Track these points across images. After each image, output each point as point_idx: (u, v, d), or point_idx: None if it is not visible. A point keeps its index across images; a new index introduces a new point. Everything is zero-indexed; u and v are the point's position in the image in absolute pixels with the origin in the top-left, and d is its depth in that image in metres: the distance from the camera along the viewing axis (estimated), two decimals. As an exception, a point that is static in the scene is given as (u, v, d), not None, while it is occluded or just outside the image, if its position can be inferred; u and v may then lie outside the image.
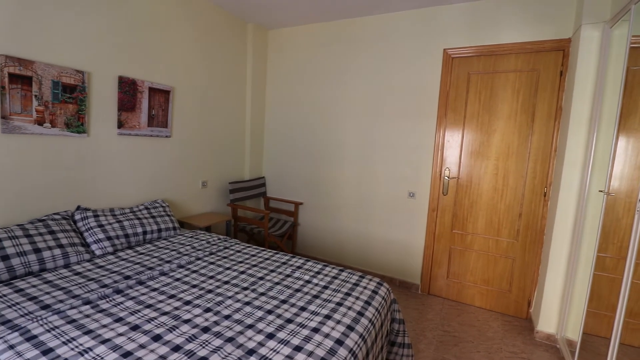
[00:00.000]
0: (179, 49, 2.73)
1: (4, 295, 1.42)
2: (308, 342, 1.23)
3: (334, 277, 1.83)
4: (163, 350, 1.14)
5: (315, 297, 1.60)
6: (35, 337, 1.16)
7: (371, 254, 3.15)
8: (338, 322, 1.38)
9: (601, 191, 1.89)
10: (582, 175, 2.09)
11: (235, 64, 3.31)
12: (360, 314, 1.47)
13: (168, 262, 1.89)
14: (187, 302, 1.47)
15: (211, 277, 1.74)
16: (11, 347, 1.11)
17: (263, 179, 3.71)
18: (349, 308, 1.51)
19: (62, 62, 2.00)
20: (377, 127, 3.02)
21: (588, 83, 2.06)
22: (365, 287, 1.73)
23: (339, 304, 1.53)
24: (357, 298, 1.61)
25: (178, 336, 1.22)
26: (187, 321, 1.32)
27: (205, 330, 1.27)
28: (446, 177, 2.75)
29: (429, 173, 2.81)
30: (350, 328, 1.35)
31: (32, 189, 1.92)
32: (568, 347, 2.13)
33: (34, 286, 1.51)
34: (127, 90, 2.37)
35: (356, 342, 1.29)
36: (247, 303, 1.50)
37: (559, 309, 2.25)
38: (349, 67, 3.12)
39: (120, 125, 2.35)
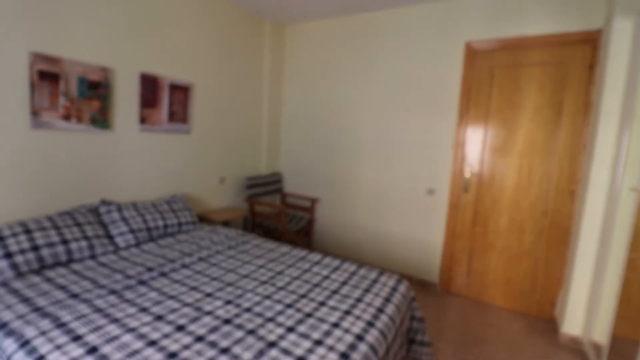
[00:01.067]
0: (198, 46, 2.76)
1: (35, 284, 1.47)
2: (328, 337, 1.23)
3: (353, 273, 1.82)
4: (187, 340, 1.15)
5: (334, 292, 1.59)
6: (65, 324, 1.20)
7: (388, 251, 3.12)
8: (358, 317, 1.37)
9: (633, 189, 1.81)
10: (613, 173, 2.00)
11: (252, 60, 3.33)
12: (380, 310, 1.46)
13: (189, 255, 1.92)
14: (209, 294, 1.49)
15: (231, 271, 1.76)
16: (43, 333, 1.15)
17: (280, 174, 3.73)
18: (369, 304, 1.49)
19: (88, 60, 2.05)
20: (395, 122, 2.98)
21: (620, 76, 1.96)
22: (384, 284, 1.71)
23: (358, 300, 1.52)
24: (377, 294, 1.59)
25: (201, 327, 1.23)
26: (209, 313, 1.34)
27: (227, 322, 1.28)
28: (467, 174, 2.68)
29: (449, 170, 2.75)
30: (370, 324, 1.34)
31: (60, 182, 1.99)
32: (594, 350, 2.05)
33: (62, 276, 1.56)
34: (149, 86, 2.42)
35: (376, 338, 1.27)
36: (267, 297, 1.50)
37: (586, 310, 2.17)
38: (367, 62, 3.08)
39: (142, 121, 2.40)
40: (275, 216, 3.19)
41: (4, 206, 1.76)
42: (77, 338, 1.13)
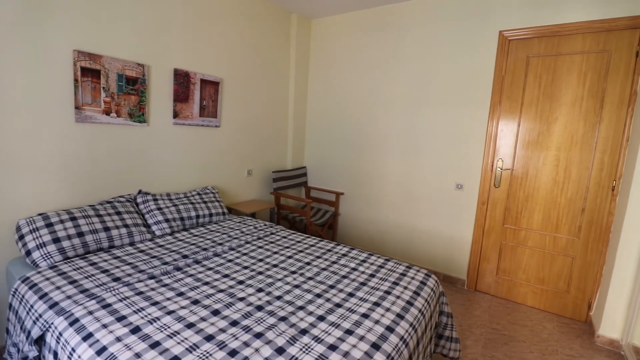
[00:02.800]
0: (228, 42, 2.81)
1: (81, 267, 1.58)
2: (359, 327, 1.24)
3: (380, 267, 1.81)
4: (222, 324, 1.20)
5: (362, 284, 1.60)
6: (109, 305, 1.28)
7: (414, 247, 3.09)
8: (387, 309, 1.38)
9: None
10: (661, 167, 1.88)
11: (279, 56, 3.36)
12: (410, 303, 1.45)
13: (220, 244, 1.99)
14: (241, 282, 1.53)
15: (260, 260, 1.80)
16: (90, 312, 1.23)
17: (304, 168, 3.76)
18: (398, 297, 1.49)
19: (125, 56, 2.14)
20: (423, 116, 2.92)
21: (672, 63, 1.83)
22: (413, 278, 1.70)
23: (387, 293, 1.52)
24: (406, 288, 1.58)
25: (235, 312, 1.28)
26: (241, 299, 1.38)
27: (259, 308, 1.32)
28: (499, 169, 2.60)
29: (479, 164, 2.67)
30: (400, 316, 1.34)
31: (101, 174, 2.10)
32: (635, 354, 1.95)
33: (105, 260, 1.66)
34: (182, 82, 2.50)
35: (407, 331, 1.27)
36: (297, 286, 1.53)
37: (626, 313, 2.06)
38: (394, 54, 3.04)
39: (175, 115, 2.49)
40: (301, 209, 3.23)
41: (52, 195, 1.89)
42: (121, 318, 1.20)
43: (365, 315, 1.32)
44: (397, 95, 3.05)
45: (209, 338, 1.12)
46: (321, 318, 1.28)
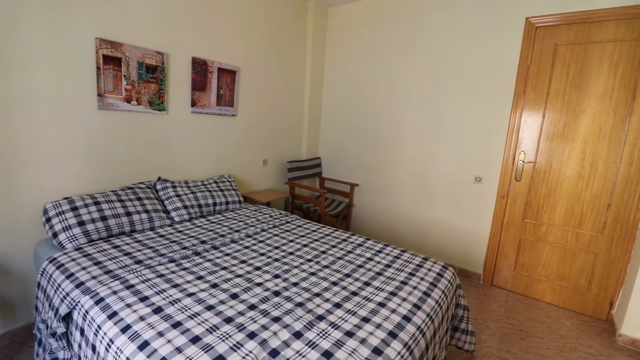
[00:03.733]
0: (244, 30, 2.80)
1: (105, 250, 1.63)
2: (375, 315, 1.24)
3: (396, 257, 1.80)
4: (241, 307, 1.22)
5: (378, 274, 1.59)
6: (132, 286, 1.32)
7: (429, 239, 3.06)
8: (404, 299, 1.37)
9: None
10: (697, 162, 1.78)
11: (295, 44, 3.33)
12: (427, 294, 1.44)
13: (237, 231, 2.02)
14: (257, 268, 1.55)
15: (276, 248, 1.82)
16: (114, 292, 1.27)
17: (319, 159, 3.75)
18: (414, 288, 1.48)
19: (145, 44, 2.17)
20: (442, 106, 2.85)
21: None
22: (429, 269, 1.68)
23: (403, 283, 1.51)
24: (422, 279, 1.57)
25: (252, 296, 1.30)
26: (259, 284, 1.40)
27: (276, 294, 1.34)
28: (520, 162, 2.52)
29: (500, 157, 2.60)
30: (416, 306, 1.33)
31: (122, 160, 2.15)
32: (660, 355, 1.89)
33: (127, 244, 1.71)
34: (199, 70, 2.51)
35: (424, 321, 1.26)
36: (312, 274, 1.54)
37: (652, 313, 1.99)
38: (413, 43, 2.96)
39: (193, 104, 2.51)
40: (315, 199, 3.23)
41: (76, 180, 1.95)
42: (144, 299, 1.24)
43: (382, 304, 1.32)
44: (415, 85, 2.99)
45: (228, 320, 1.14)
46: (337, 305, 1.29)
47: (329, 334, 1.11)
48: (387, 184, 3.28)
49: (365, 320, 1.20)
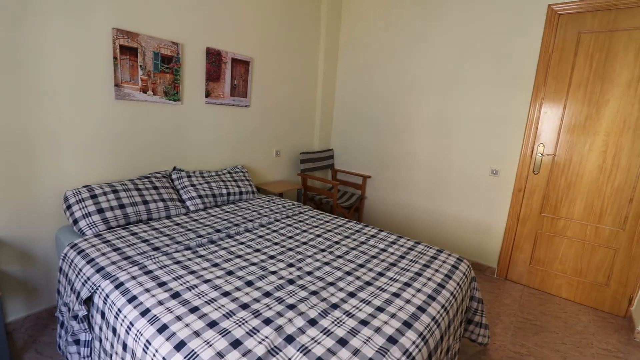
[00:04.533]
0: (258, 20, 2.79)
1: (123, 236, 1.66)
2: (389, 305, 1.24)
3: (410, 249, 1.79)
4: (256, 294, 1.24)
5: (392, 265, 1.59)
6: (151, 271, 1.35)
7: (442, 232, 3.03)
8: (418, 290, 1.37)
9: None
10: None
11: (308, 34, 3.30)
12: (441, 285, 1.43)
13: (250, 220, 2.04)
14: (272, 257, 1.57)
15: (290, 237, 1.83)
16: (133, 277, 1.30)
17: (331, 150, 3.74)
18: (429, 279, 1.47)
19: (161, 35, 2.18)
20: (458, 97, 2.79)
21: None
22: (444, 261, 1.67)
23: (418, 274, 1.51)
24: (437, 270, 1.56)
25: (267, 284, 1.32)
26: (273, 272, 1.41)
27: (291, 282, 1.35)
28: (539, 154, 2.46)
29: (517, 149, 2.54)
30: (431, 297, 1.33)
31: (138, 150, 2.18)
32: (682, 354, 1.84)
33: (144, 231, 1.75)
34: (214, 60, 2.52)
35: (438, 312, 1.26)
36: (326, 263, 1.55)
37: (674, 310, 1.93)
38: (429, 31, 2.90)
39: (207, 94, 2.52)
40: (327, 191, 3.23)
41: (94, 169, 1.99)
42: (162, 284, 1.27)
43: (396, 295, 1.31)
44: (431, 75, 2.93)
45: (244, 306, 1.16)
46: (352, 294, 1.29)
47: (344, 322, 1.12)
48: (400, 176, 3.25)
49: (380, 309, 1.20)
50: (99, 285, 1.30)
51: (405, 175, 3.22)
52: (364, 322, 1.12)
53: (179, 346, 0.96)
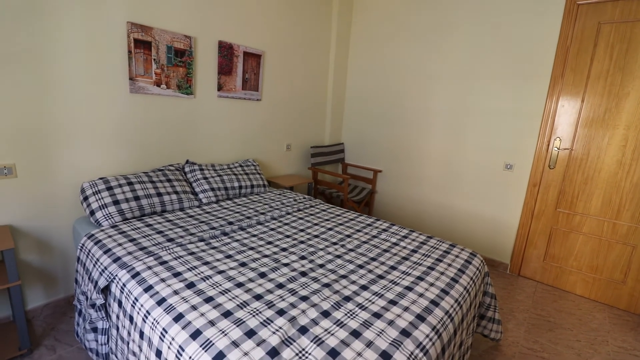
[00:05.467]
0: (269, 13, 2.78)
1: (138, 228, 1.69)
2: (402, 298, 1.24)
3: (422, 243, 1.78)
4: (269, 285, 1.25)
5: (404, 259, 1.58)
6: (166, 262, 1.37)
7: (454, 228, 3.00)
8: (431, 284, 1.36)
9: None
10: None
11: (320, 28, 3.27)
12: (454, 280, 1.42)
13: (262, 213, 2.05)
14: (284, 249, 1.58)
15: (302, 230, 1.84)
16: (149, 267, 1.33)
17: (342, 144, 3.72)
18: (442, 273, 1.46)
19: (174, 28, 2.19)
20: (472, 90, 2.74)
21: None
22: (457, 256, 1.65)
23: (430, 268, 1.50)
24: (450, 265, 1.55)
25: (280, 276, 1.32)
26: (286, 264, 1.42)
27: (303, 274, 1.36)
28: (555, 149, 2.41)
29: (533, 143, 2.49)
30: (444, 292, 1.32)
31: (152, 143, 2.21)
32: (702, 353, 1.79)
33: (159, 223, 1.77)
34: (225, 54, 2.52)
35: (452, 306, 1.25)
36: (338, 256, 1.55)
37: (695, 309, 1.88)
38: (442, 22, 2.84)
39: (219, 88, 2.53)
40: (338, 185, 3.23)
41: (109, 161, 2.02)
42: (177, 274, 1.29)
43: (409, 288, 1.31)
44: (444, 68, 2.88)
45: (258, 297, 1.17)
46: (364, 287, 1.29)
47: (357, 314, 1.12)
48: (412, 170, 3.22)
49: (393, 302, 1.20)
50: (116, 275, 1.33)
51: (416, 170, 3.19)
52: (377, 315, 1.12)
53: (195, 335, 0.98)
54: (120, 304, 1.27)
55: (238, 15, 2.55)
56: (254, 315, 1.07)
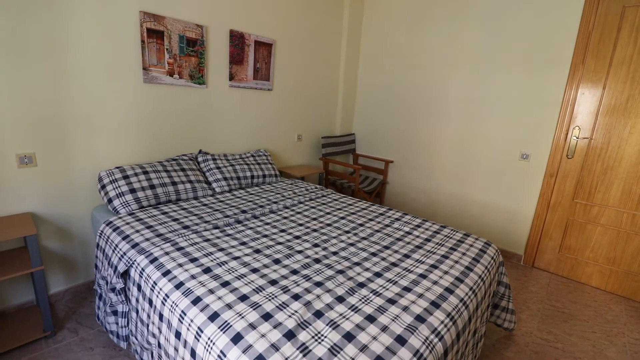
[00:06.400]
0: (280, 1, 2.75)
1: (154, 215, 1.73)
2: (416, 286, 1.24)
3: (436, 232, 1.77)
4: (284, 271, 1.26)
5: (418, 247, 1.58)
6: (182, 248, 1.40)
7: (467, 218, 2.97)
8: (445, 272, 1.35)
9: None
10: None
11: (332, 15, 3.23)
12: (469, 268, 1.41)
13: (275, 202, 2.06)
14: (297, 237, 1.59)
15: (314, 219, 1.84)
16: (167, 253, 1.36)
17: (353, 135, 3.70)
18: (456, 262, 1.45)
19: (186, 17, 2.19)
20: (488, 78, 2.68)
21: None
22: (471, 245, 1.64)
23: (444, 257, 1.49)
24: (464, 254, 1.54)
25: (294, 262, 1.34)
26: (299, 252, 1.43)
27: (317, 261, 1.37)
28: (574, 138, 2.34)
29: (551, 132, 2.43)
30: (459, 280, 1.31)
31: (166, 133, 2.23)
32: None
33: (174, 211, 1.80)
34: (237, 43, 2.52)
35: (467, 294, 1.24)
36: (351, 244, 1.55)
37: None
38: (457, 9, 2.77)
39: (231, 77, 2.53)
40: (349, 175, 3.22)
41: (125, 151, 2.06)
42: (193, 260, 1.31)
43: (423, 276, 1.31)
44: (459, 56, 2.82)
45: (273, 282, 1.18)
46: (378, 274, 1.30)
47: (371, 300, 1.12)
48: (425, 160, 3.19)
49: (407, 289, 1.20)
50: (135, 260, 1.36)
51: (429, 160, 3.15)
52: (392, 301, 1.13)
53: (213, 317, 1.00)
54: (139, 287, 1.30)
55: (249, 4, 2.53)
56: (269, 300, 1.08)
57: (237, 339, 0.91)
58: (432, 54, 2.98)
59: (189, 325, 1.02)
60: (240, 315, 1.00)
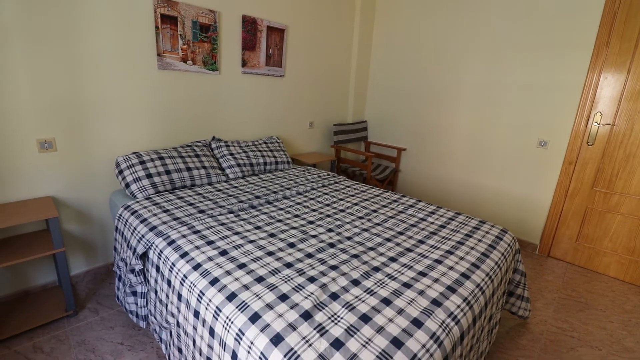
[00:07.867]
0: (294, -15, 2.71)
1: (171, 200, 1.75)
2: (432, 271, 1.23)
3: (450, 219, 1.75)
4: (299, 255, 1.27)
5: (433, 233, 1.57)
6: (199, 231, 1.42)
7: (481, 207, 2.93)
8: (461, 258, 1.34)
9: None
10: None
11: (345, 1, 3.16)
12: (485, 255, 1.40)
13: (288, 188, 2.07)
14: (311, 222, 1.60)
15: (327, 205, 1.85)
16: (184, 236, 1.38)
17: (365, 122, 3.66)
18: (472, 248, 1.44)
19: (199, 3, 2.17)
20: (505, 63, 2.60)
21: None
22: (487, 232, 1.62)
23: (460, 243, 1.48)
24: (480, 240, 1.52)
25: (309, 246, 1.35)
26: (314, 236, 1.44)
27: (331, 245, 1.37)
28: (595, 124, 2.27)
29: (571, 118, 2.35)
30: (475, 266, 1.30)
31: (180, 119, 2.25)
32: None
33: (190, 196, 1.83)
34: (249, 29, 2.49)
35: (483, 279, 1.23)
36: (365, 230, 1.55)
37: None
38: (477, -7, 2.68)
39: (243, 64, 2.52)
40: (361, 163, 3.20)
41: (140, 137, 2.08)
42: (210, 242, 1.33)
43: (438, 261, 1.30)
44: (474, 40, 2.74)
45: (289, 265, 1.20)
46: (392, 259, 1.30)
47: (386, 284, 1.13)
48: (438, 148, 3.14)
49: (422, 274, 1.20)
50: (153, 242, 1.39)
51: (443, 148, 3.10)
52: (407, 285, 1.13)
53: (231, 297, 1.02)
54: (158, 269, 1.33)
55: (262, -12, 2.49)
56: (285, 282, 1.09)
57: (255, 318, 0.93)
58: (448, 38, 2.90)
59: (208, 304, 1.04)
60: (257, 295, 1.01)
